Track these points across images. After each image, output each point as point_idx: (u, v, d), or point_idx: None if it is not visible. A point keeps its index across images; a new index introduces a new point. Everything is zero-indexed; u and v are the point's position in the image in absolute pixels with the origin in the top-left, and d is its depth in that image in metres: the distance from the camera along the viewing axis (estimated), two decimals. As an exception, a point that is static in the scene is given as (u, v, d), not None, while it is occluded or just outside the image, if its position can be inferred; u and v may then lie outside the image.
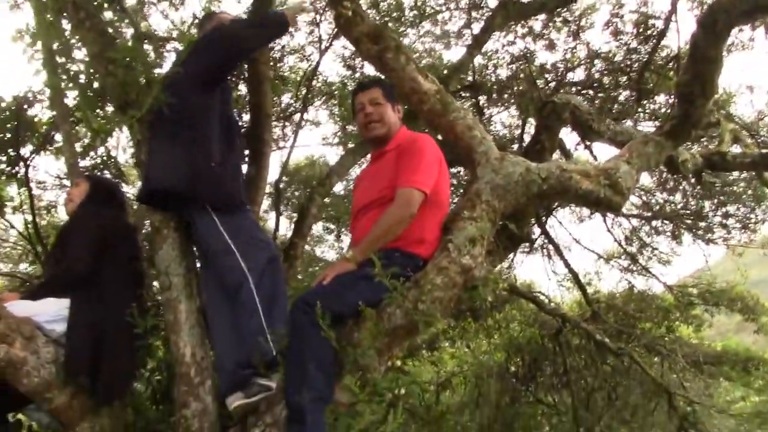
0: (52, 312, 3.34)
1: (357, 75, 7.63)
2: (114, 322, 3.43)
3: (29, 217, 5.82)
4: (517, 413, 9.24)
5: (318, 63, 6.88)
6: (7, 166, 5.56)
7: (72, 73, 4.60)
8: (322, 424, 2.78)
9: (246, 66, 4.98)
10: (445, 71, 6.40)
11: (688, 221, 8.78)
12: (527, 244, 8.88)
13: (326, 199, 6.65)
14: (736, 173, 7.95)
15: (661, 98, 7.49)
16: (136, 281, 3.71)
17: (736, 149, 5.80)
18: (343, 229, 9.27)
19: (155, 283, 3.90)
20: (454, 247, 3.32)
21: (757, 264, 10.19)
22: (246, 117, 5.22)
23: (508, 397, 9.51)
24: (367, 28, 4.03)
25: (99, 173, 4.67)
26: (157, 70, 4.09)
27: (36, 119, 5.57)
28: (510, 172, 3.63)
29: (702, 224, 8.79)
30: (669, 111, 6.83)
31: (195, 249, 3.82)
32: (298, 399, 2.80)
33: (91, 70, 4.25)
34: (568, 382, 8.64)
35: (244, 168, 4.36)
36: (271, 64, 6.48)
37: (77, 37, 4.21)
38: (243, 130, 4.47)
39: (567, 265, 8.66)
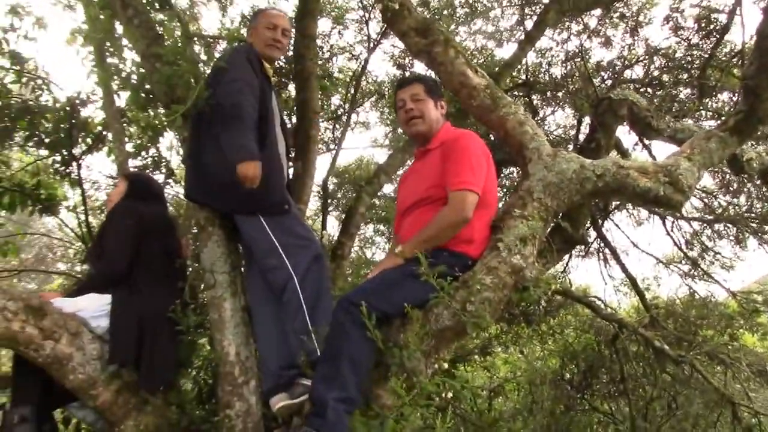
0: (96, 307, 3.36)
1: (407, 73, 7.56)
2: (153, 313, 3.43)
3: (82, 217, 5.89)
4: (571, 421, 9.01)
5: (366, 61, 6.81)
6: (61, 166, 5.65)
7: (123, 73, 4.65)
8: (343, 425, 2.69)
9: (293, 64, 4.96)
10: (497, 68, 6.27)
11: (753, 225, 8.41)
12: (582, 248, 8.65)
13: (375, 200, 6.58)
14: (804, 174, 7.59)
15: (724, 96, 7.22)
16: (176, 275, 3.70)
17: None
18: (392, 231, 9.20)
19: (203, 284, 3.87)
20: (504, 246, 3.22)
21: (826, 270, 9.76)
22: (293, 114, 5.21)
23: (563, 405, 9.28)
24: (415, 21, 3.95)
25: (144, 171, 4.68)
26: (203, 68, 4.09)
27: (89, 120, 5.65)
28: (563, 169, 3.50)
29: (768, 228, 8.42)
30: (733, 109, 6.56)
31: (240, 247, 3.80)
32: (323, 394, 2.73)
33: (141, 70, 4.27)
34: (626, 390, 8.37)
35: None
36: (320, 63, 6.46)
37: (127, 35, 4.23)
38: (290, 127, 4.42)
39: (624, 269, 8.39)
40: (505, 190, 8.22)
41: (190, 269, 3.91)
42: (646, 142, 6.94)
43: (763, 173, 5.10)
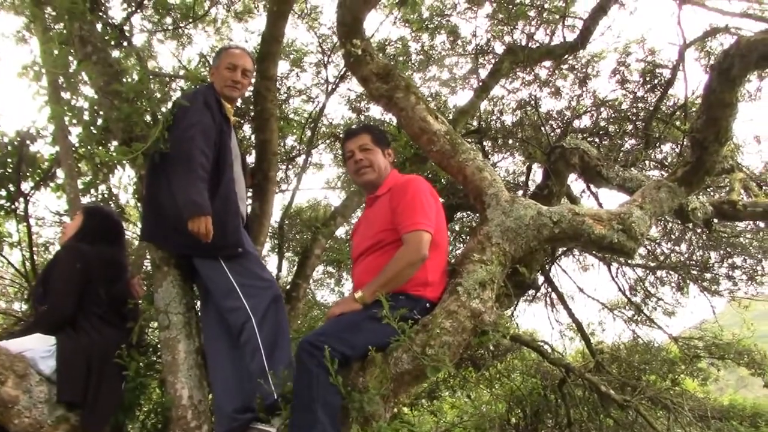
0: (44, 347, 3.26)
1: (362, 118, 7.63)
2: (100, 352, 3.36)
3: (27, 254, 5.71)
4: (518, 466, 9.03)
5: (324, 105, 6.86)
6: (7, 202, 5.48)
7: (76, 108, 4.57)
8: None
9: (253, 105, 4.96)
10: (451, 115, 6.38)
11: (694, 272, 8.66)
12: (530, 292, 8.76)
13: (329, 242, 6.56)
14: (742, 224, 7.89)
15: (667, 147, 7.47)
16: (125, 316, 3.62)
17: (745, 199, 5.73)
18: (344, 274, 9.17)
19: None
20: (464, 291, 3.25)
21: (761, 317, 10.08)
22: (249, 154, 5.20)
23: (509, 450, 9.30)
24: (377, 67, 4.01)
25: (103, 206, 4.57)
26: (162, 107, 4.05)
27: (38, 155, 5.51)
28: (521, 215, 3.57)
29: (708, 275, 8.68)
30: (676, 160, 6.79)
31: (195, 287, 3.75)
32: None
33: (95, 107, 4.21)
34: (571, 434, 8.45)
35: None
36: (278, 104, 6.47)
37: (83, 71, 4.19)
38: (248, 168, 4.40)
39: (570, 314, 8.53)
40: (454, 234, 8.30)
41: (142, 309, 3.82)
42: (594, 189, 7.12)
43: (707, 222, 5.28)
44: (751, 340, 8.68)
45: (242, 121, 5.97)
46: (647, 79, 7.14)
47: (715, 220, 5.72)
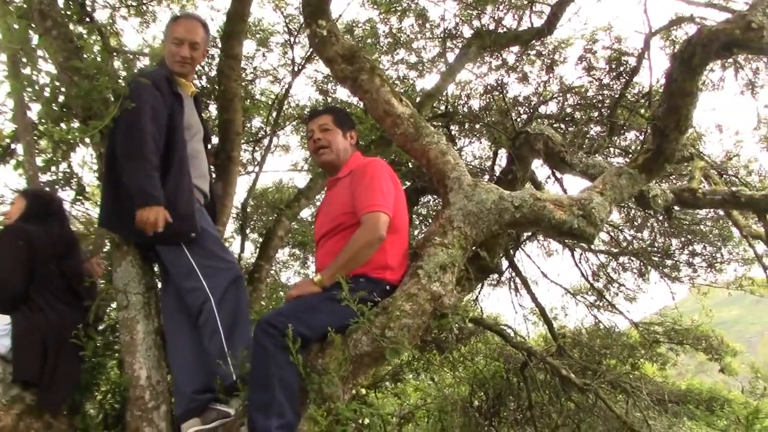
0: (0, 326, 3.21)
1: (329, 99, 7.59)
2: (56, 331, 3.33)
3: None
4: (479, 448, 9.11)
5: (290, 86, 6.81)
6: (-35, 179, 5.37)
7: (36, 84, 4.48)
8: None
9: (217, 83, 4.91)
10: (418, 98, 6.37)
11: (655, 258, 8.80)
12: (494, 277, 8.83)
13: (293, 224, 6.54)
14: (703, 212, 8.02)
15: (631, 134, 7.56)
16: (80, 295, 3.58)
17: (705, 187, 5.82)
18: (309, 256, 9.15)
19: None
20: (424, 274, 3.25)
21: (720, 304, 10.29)
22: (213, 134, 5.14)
23: (471, 432, 9.38)
24: (342, 48, 3.99)
25: (44, 189, 4.48)
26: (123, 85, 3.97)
27: (-3, 131, 5.39)
28: (483, 199, 3.58)
29: (668, 262, 8.82)
30: (640, 147, 6.87)
31: (155, 267, 3.71)
32: (265, 424, 2.71)
33: (57, 83, 4.13)
34: (533, 417, 8.56)
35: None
36: (243, 84, 6.41)
37: (43, 46, 4.10)
38: (211, 147, 4.33)
39: (534, 299, 8.62)
40: (419, 218, 8.32)
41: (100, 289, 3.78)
42: (559, 175, 7.18)
43: (667, 209, 5.36)
44: (709, 326, 8.87)
45: (207, 101, 5.90)
46: (613, 66, 7.20)
47: (676, 208, 5.81)
